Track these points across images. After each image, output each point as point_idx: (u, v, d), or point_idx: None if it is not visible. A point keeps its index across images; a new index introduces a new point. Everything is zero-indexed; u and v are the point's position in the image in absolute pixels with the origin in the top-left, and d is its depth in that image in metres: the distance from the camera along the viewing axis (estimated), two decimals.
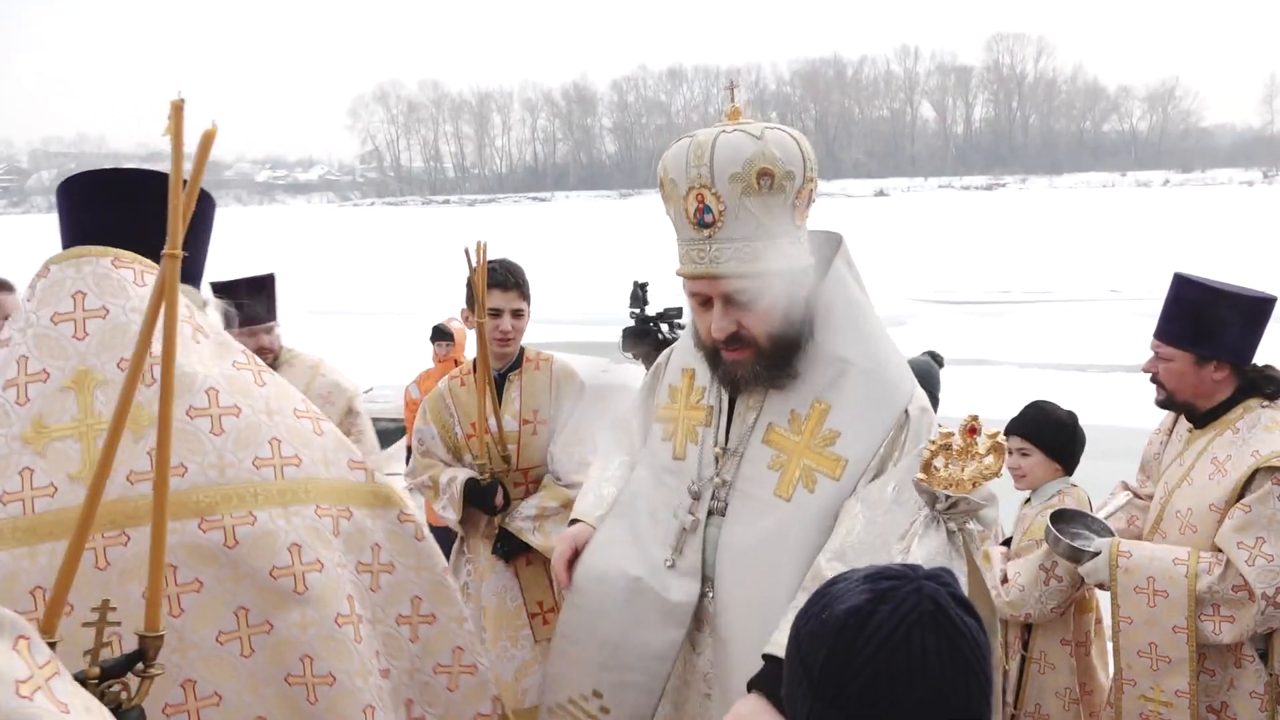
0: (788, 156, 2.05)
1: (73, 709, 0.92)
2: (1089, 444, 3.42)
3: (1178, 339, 2.85)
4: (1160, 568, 2.76)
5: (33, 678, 0.90)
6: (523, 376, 3.55)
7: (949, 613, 1.22)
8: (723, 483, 2.26)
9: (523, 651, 3.48)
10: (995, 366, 12.96)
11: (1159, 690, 2.78)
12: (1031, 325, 17.15)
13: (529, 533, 3.44)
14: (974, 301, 20.71)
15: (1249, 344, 2.82)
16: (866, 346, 2.21)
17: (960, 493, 1.82)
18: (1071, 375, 12.83)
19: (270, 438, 1.71)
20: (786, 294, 2.13)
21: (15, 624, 0.93)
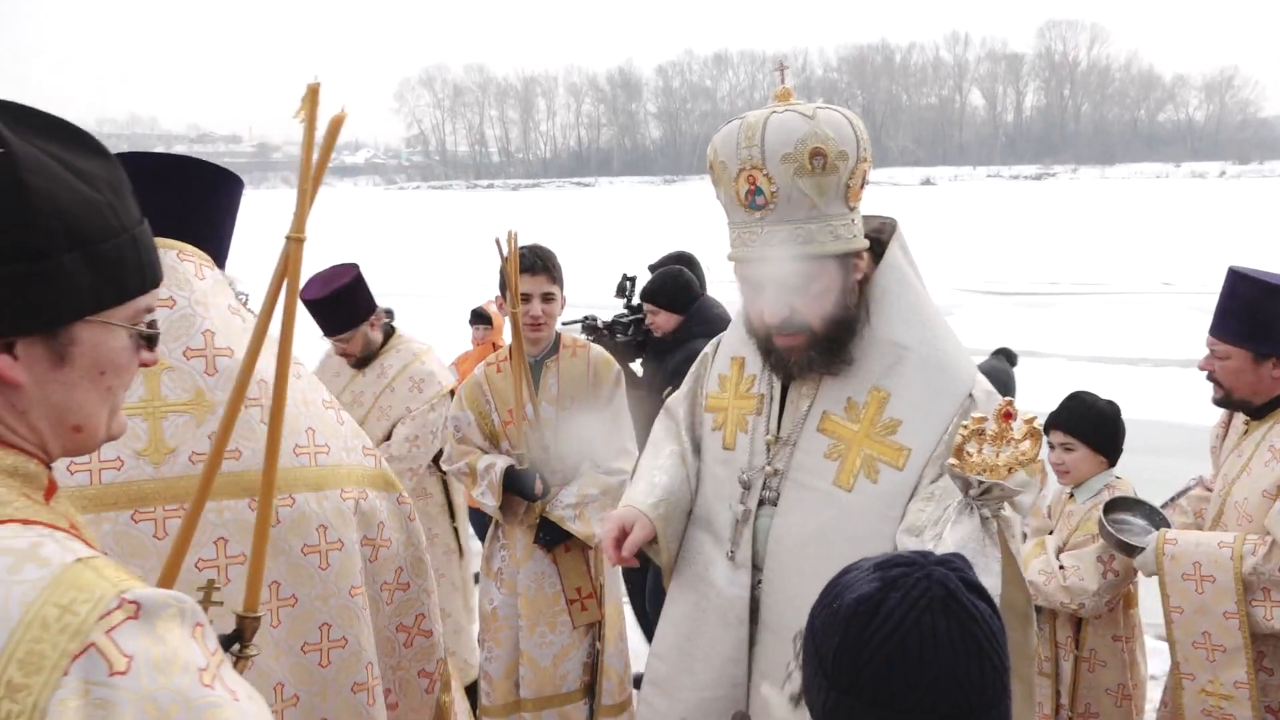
0: (841, 136, 2.02)
1: (239, 696, 0.94)
2: (1141, 439, 3.36)
3: (1234, 336, 2.79)
4: (1206, 552, 2.71)
5: (209, 666, 0.93)
6: (560, 363, 3.53)
7: (959, 597, 1.22)
8: (774, 472, 2.23)
9: (561, 637, 3.51)
10: (1043, 359, 12.74)
11: (1218, 683, 2.72)
12: (1081, 318, 16.87)
13: (570, 520, 3.45)
14: (1022, 293, 20.40)
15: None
16: (924, 333, 2.16)
17: (994, 478, 1.78)
18: (1121, 369, 12.60)
19: (307, 427, 1.85)
20: (841, 277, 2.11)
21: (195, 612, 0.95)
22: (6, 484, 0.98)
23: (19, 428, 1.02)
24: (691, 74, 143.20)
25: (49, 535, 0.94)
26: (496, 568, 3.59)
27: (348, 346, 4.25)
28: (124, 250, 1.05)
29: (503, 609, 3.55)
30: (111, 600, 0.90)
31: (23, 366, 0.99)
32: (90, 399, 1.06)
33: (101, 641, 0.87)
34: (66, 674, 0.85)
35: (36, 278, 0.97)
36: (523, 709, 3.53)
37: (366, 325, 4.25)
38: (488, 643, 3.60)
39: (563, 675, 3.50)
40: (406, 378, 4.26)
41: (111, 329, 1.05)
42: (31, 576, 0.89)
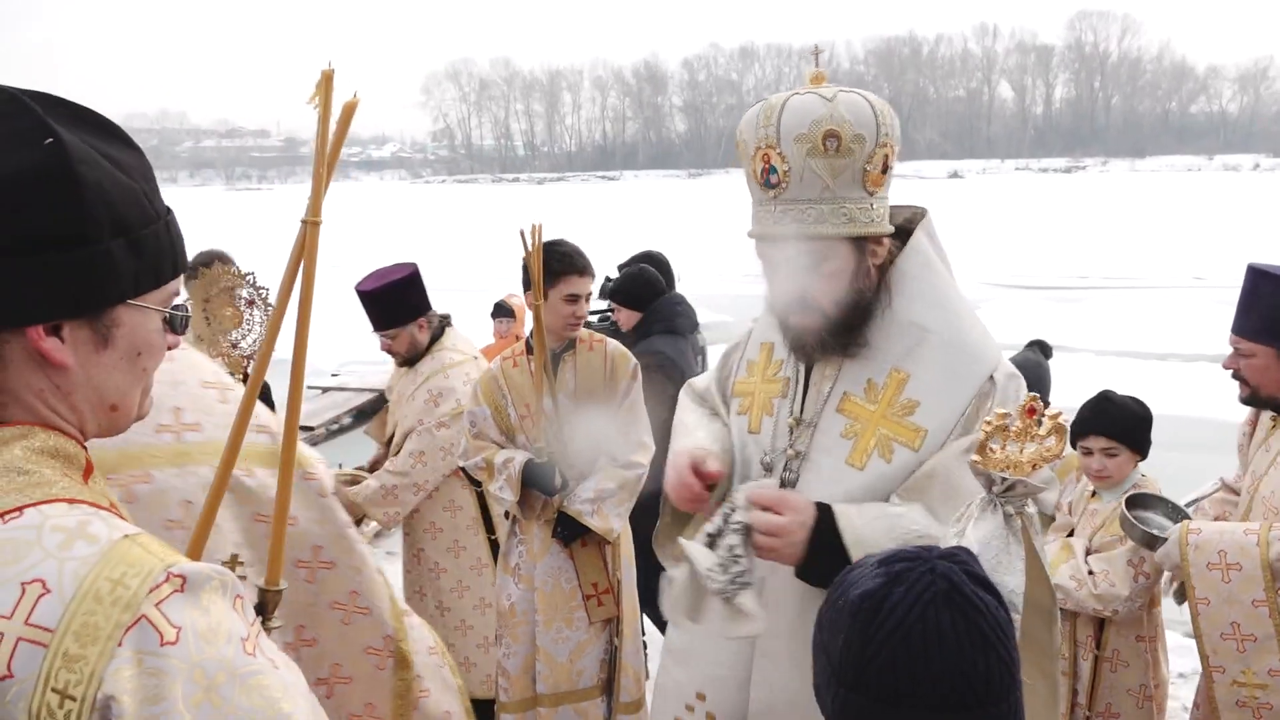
0: (858, 120, 2.01)
1: (278, 664, 0.99)
2: (1171, 435, 3.33)
3: (1258, 334, 2.76)
4: (1231, 540, 2.67)
5: (250, 636, 0.97)
6: (576, 357, 3.54)
7: (963, 590, 1.22)
8: (795, 454, 2.22)
9: (577, 633, 3.51)
10: (1072, 354, 12.63)
11: (1250, 673, 2.66)
12: (1111, 312, 16.70)
13: (587, 515, 3.45)
14: (1051, 287, 20.22)
15: None
16: (946, 315, 2.14)
17: (1018, 475, 1.75)
18: (1151, 364, 12.47)
19: (173, 406, 1.88)
20: (854, 260, 2.09)
21: (235, 584, 1.00)
22: (50, 465, 1.02)
23: (61, 409, 1.06)
24: (717, 67, 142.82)
25: (94, 513, 0.98)
26: (514, 563, 3.59)
27: (392, 344, 4.19)
28: (160, 237, 1.09)
29: (520, 604, 3.55)
30: (159, 574, 0.94)
31: (69, 349, 1.04)
32: (127, 380, 1.11)
33: (152, 613, 0.92)
34: (120, 645, 0.89)
35: (86, 264, 1.01)
36: (540, 704, 3.53)
37: (414, 327, 4.16)
38: (505, 639, 3.60)
39: (579, 671, 3.50)
40: (426, 389, 4.14)
41: (147, 313, 1.10)
42: (83, 553, 0.93)
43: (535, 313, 3.38)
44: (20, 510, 0.95)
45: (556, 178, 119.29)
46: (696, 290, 21.12)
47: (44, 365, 1.03)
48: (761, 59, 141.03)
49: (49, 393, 1.05)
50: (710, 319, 17.44)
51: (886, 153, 2.06)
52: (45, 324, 1.02)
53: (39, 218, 0.98)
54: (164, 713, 0.89)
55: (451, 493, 4.18)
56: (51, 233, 0.99)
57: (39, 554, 0.92)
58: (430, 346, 4.23)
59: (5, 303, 0.99)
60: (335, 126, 1.62)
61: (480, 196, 77.62)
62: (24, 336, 1.01)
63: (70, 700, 0.88)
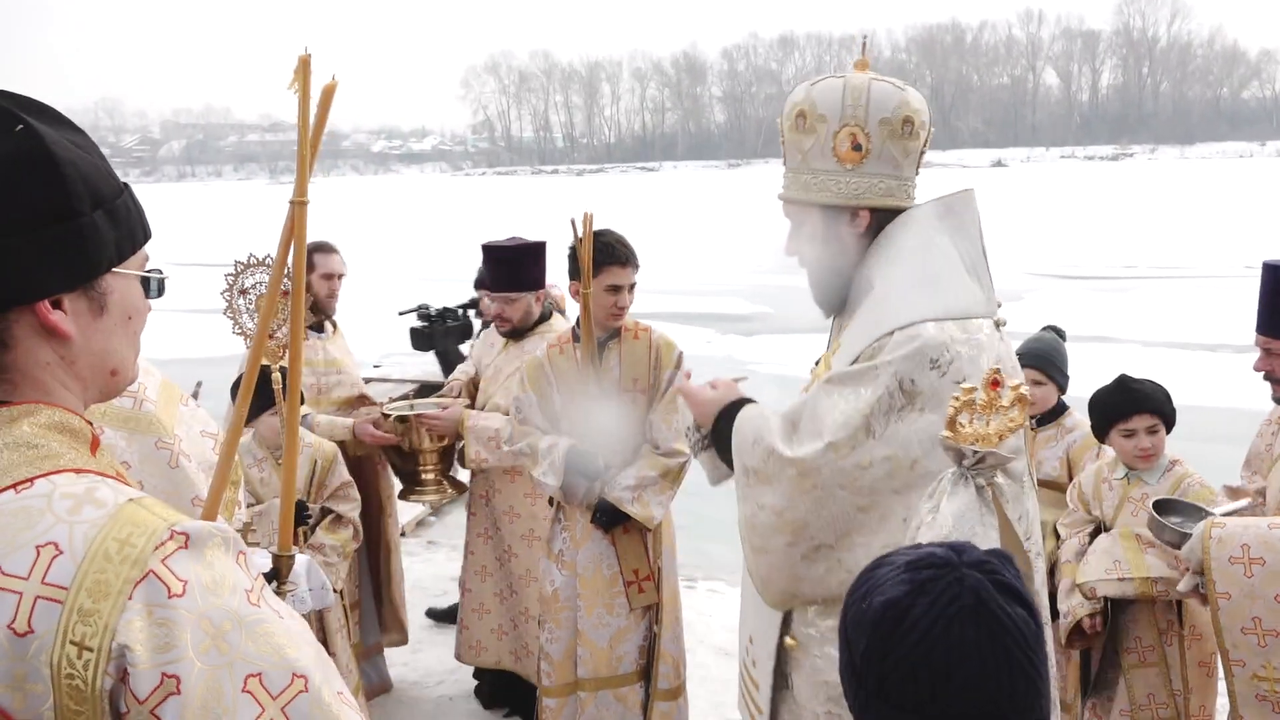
0: (824, 102, 2.24)
1: (282, 614, 1.04)
2: (1222, 428, 3.30)
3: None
4: (1255, 534, 2.61)
5: (254, 588, 1.03)
6: (622, 345, 3.56)
7: (990, 605, 1.19)
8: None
9: (618, 619, 3.53)
10: (1119, 344, 12.45)
11: (1270, 667, 2.61)
12: (1158, 302, 16.43)
13: (628, 503, 3.46)
14: (1097, 277, 19.91)
15: None
16: (895, 272, 2.22)
17: (987, 447, 1.78)
18: (1200, 355, 12.26)
19: (140, 382, 1.93)
20: (823, 227, 2.29)
21: (236, 540, 1.06)
22: (58, 439, 1.08)
23: (68, 380, 1.13)
24: (757, 57, 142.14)
25: (101, 480, 1.05)
26: (557, 549, 3.63)
27: (508, 309, 4.15)
28: (130, 206, 1.16)
29: (564, 590, 3.58)
30: (163, 532, 1.00)
31: (71, 320, 1.10)
32: (123, 343, 1.18)
33: (159, 568, 0.97)
34: (131, 598, 0.95)
35: (77, 236, 1.08)
36: (580, 688, 3.56)
37: (533, 297, 4.18)
38: (548, 624, 3.63)
39: (619, 657, 3.53)
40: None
41: (130, 278, 1.17)
42: (91, 516, 0.99)
43: (584, 301, 3.40)
44: (31, 481, 1.02)
45: (596, 169, 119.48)
46: (736, 282, 21.05)
47: (50, 339, 1.09)
48: (802, 48, 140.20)
49: (56, 365, 1.11)
50: (750, 310, 17.42)
51: (854, 133, 2.22)
52: (49, 298, 1.08)
53: (28, 197, 1.04)
54: (175, 659, 0.94)
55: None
56: (43, 210, 1.05)
57: (50, 519, 0.98)
58: (537, 325, 4.23)
59: (12, 282, 1.05)
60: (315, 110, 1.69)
61: (520, 189, 77.95)
62: (31, 313, 1.07)
63: (88, 651, 0.94)
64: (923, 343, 2.08)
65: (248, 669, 0.97)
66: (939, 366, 2.08)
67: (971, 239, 2.26)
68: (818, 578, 2.20)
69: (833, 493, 2.14)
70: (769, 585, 2.29)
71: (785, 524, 2.19)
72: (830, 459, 2.13)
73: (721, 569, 5.69)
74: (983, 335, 2.14)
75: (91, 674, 0.94)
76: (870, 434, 2.10)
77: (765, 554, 2.26)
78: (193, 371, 8.91)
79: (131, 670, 0.94)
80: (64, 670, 0.94)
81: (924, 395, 2.08)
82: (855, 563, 2.14)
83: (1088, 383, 3.96)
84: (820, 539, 2.18)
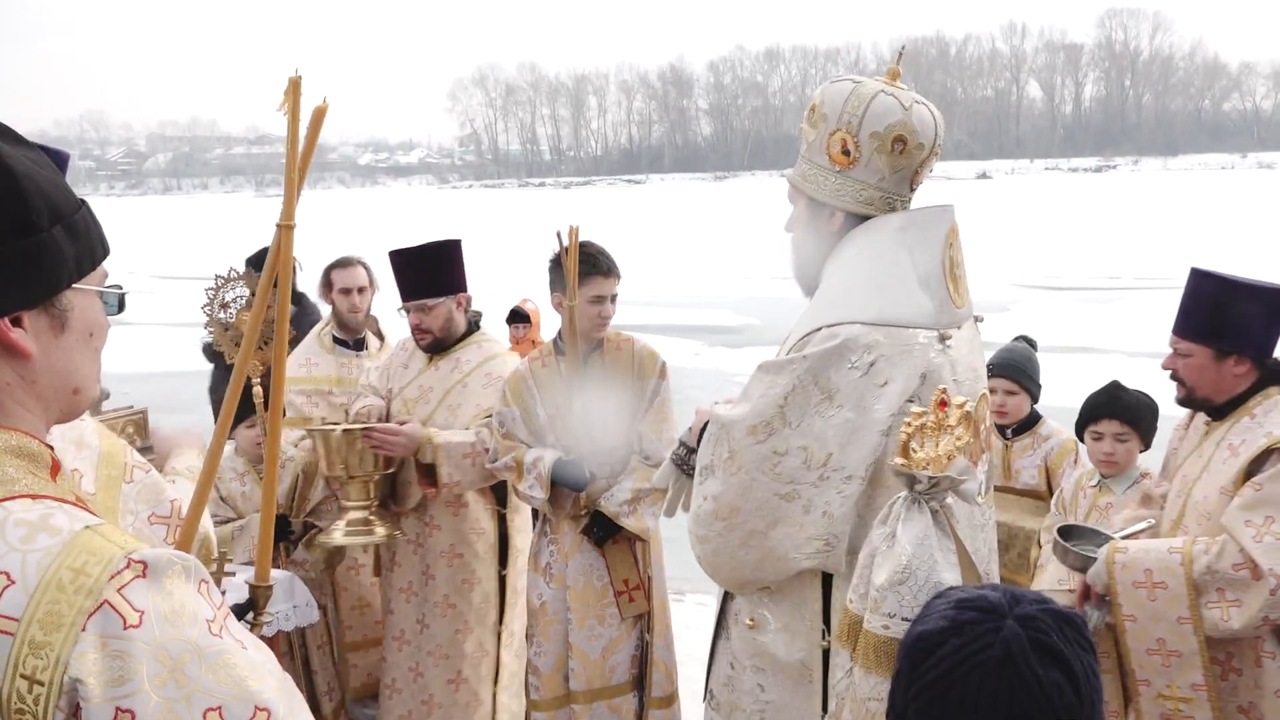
0: (828, 103, 2.36)
1: (247, 645, 1.01)
2: None
3: (1196, 334, 2.81)
4: (1156, 558, 2.69)
5: (216, 618, 1.00)
6: (605, 357, 3.57)
7: (1018, 662, 1.17)
8: None
9: (609, 630, 3.53)
10: (1104, 355, 12.50)
11: (1174, 687, 2.70)
12: (1143, 313, 16.50)
13: (624, 516, 3.47)
14: (1082, 288, 20.01)
15: (1271, 337, 2.78)
16: (840, 272, 2.35)
17: (938, 471, 1.79)
18: None
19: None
20: (806, 217, 2.42)
21: (198, 569, 1.03)
22: (14, 463, 1.04)
23: (28, 400, 1.09)
24: (743, 70, 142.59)
25: (57, 507, 1.02)
26: (544, 563, 3.62)
27: (427, 318, 3.71)
28: (88, 222, 1.13)
29: (552, 603, 3.58)
30: (120, 561, 0.97)
31: (32, 337, 1.07)
32: (85, 361, 1.15)
33: (114, 599, 0.94)
34: (84, 630, 0.93)
35: (36, 252, 1.05)
36: (574, 701, 3.55)
37: (453, 301, 3.75)
38: (536, 638, 3.62)
39: (611, 668, 3.53)
40: (483, 373, 3.78)
41: (90, 294, 1.14)
42: (45, 544, 0.96)
43: (568, 312, 3.40)
44: None
45: (583, 182, 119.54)
46: (724, 294, 21.06)
47: (9, 358, 1.06)
48: (787, 61, 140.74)
49: (15, 386, 1.07)
50: (738, 322, 17.42)
51: (844, 139, 2.31)
52: (8, 315, 1.05)
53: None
54: (130, 693, 0.92)
55: (478, 512, 3.82)
56: (1, 226, 1.02)
57: (3, 548, 0.95)
58: (466, 336, 3.86)
59: None
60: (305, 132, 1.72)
61: (507, 201, 77.90)
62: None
63: (39, 685, 0.91)
64: (841, 342, 2.20)
65: (207, 702, 0.94)
66: (856, 367, 2.19)
67: (932, 253, 2.30)
68: (754, 563, 2.32)
69: (755, 477, 2.25)
70: (716, 572, 2.43)
71: (721, 508, 2.31)
72: (749, 442, 2.25)
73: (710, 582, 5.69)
74: (915, 343, 2.20)
75: (43, 709, 0.91)
76: (786, 423, 2.22)
77: (707, 542, 2.37)
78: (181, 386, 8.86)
79: (84, 704, 0.91)
80: (14, 705, 0.91)
81: (841, 392, 2.18)
82: (784, 552, 2.26)
83: (1071, 394, 3.99)
84: (752, 524, 2.28)
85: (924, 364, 2.19)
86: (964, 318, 2.37)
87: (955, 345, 2.27)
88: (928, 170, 2.38)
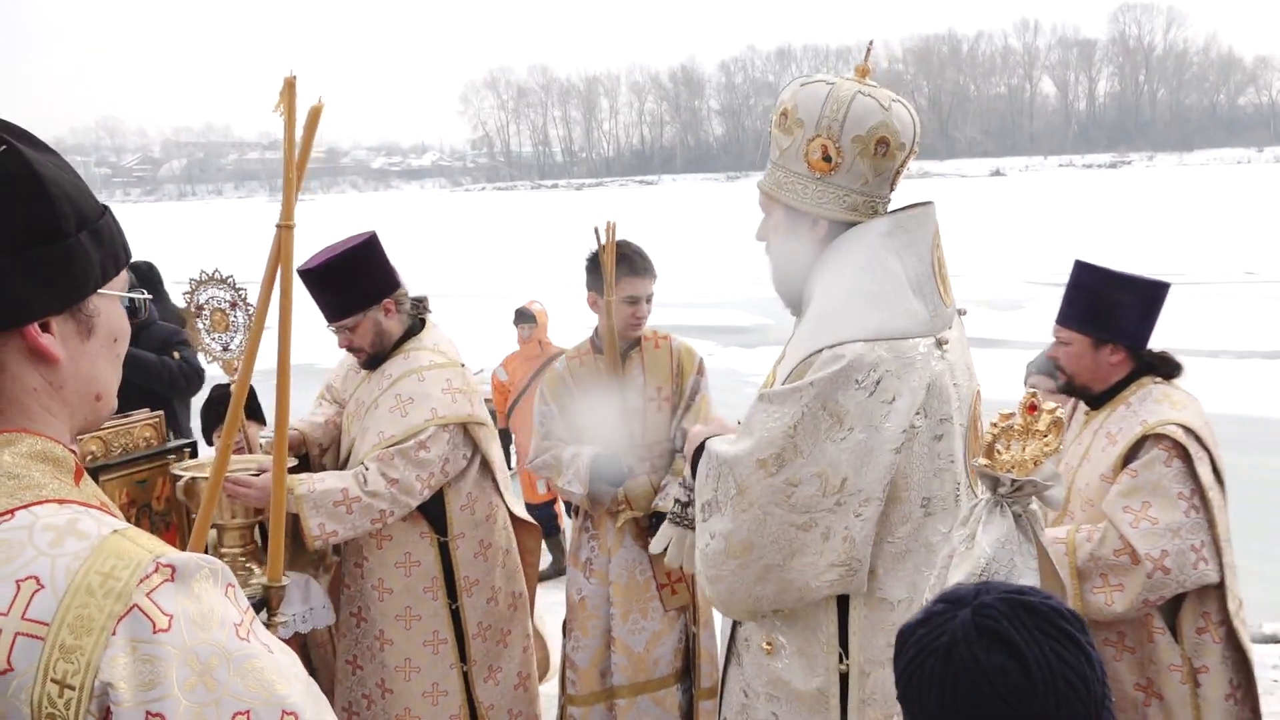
0: (803, 108, 2.26)
1: (273, 648, 1.02)
2: (1224, 435, 3.27)
3: (1075, 322, 2.93)
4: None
5: (243, 622, 1.00)
6: (644, 355, 3.62)
7: (959, 649, 1.21)
8: None
9: (653, 623, 3.58)
10: None
11: None
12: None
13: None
14: None
15: (1145, 328, 2.92)
16: (833, 286, 2.26)
17: (1023, 475, 1.77)
18: (1202, 361, 12.22)
19: None
20: (785, 225, 2.34)
21: (225, 573, 1.03)
22: (40, 468, 1.04)
23: (54, 406, 1.09)
24: (754, 70, 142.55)
25: (84, 511, 1.02)
26: (585, 558, 3.65)
27: (352, 338, 3.30)
28: (112, 227, 1.13)
29: (591, 599, 3.62)
30: (148, 565, 0.97)
31: (59, 342, 1.07)
32: (109, 367, 1.15)
33: (143, 602, 0.95)
34: (114, 634, 0.93)
35: (64, 257, 1.05)
36: (616, 696, 3.58)
37: (379, 311, 3.29)
38: (574, 632, 3.65)
39: (655, 661, 3.57)
40: (392, 394, 3.27)
41: (113, 299, 1.14)
42: (73, 549, 0.97)
43: (606, 309, 3.46)
44: (12, 512, 0.99)
45: (595, 183, 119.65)
46: (736, 294, 21.01)
47: (37, 363, 1.06)
48: (799, 60, 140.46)
49: (43, 391, 1.08)
50: (751, 322, 17.40)
51: (825, 145, 2.24)
52: (38, 321, 1.05)
53: (16, 217, 1.02)
54: (160, 697, 0.92)
55: (409, 543, 3.34)
56: (30, 231, 1.03)
57: (31, 552, 0.96)
58: (403, 342, 3.37)
59: (6, 303, 1.02)
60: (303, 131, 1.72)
61: (520, 203, 78.02)
62: (19, 337, 1.04)
63: (69, 689, 0.91)
64: (847, 363, 2.13)
65: (236, 706, 0.94)
66: (863, 387, 2.12)
67: (921, 256, 2.27)
68: (773, 596, 2.25)
69: (769, 510, 2.17)
70: (730, 609, 2.35)
71: (733, 547, 2.21)
72: (760, 475, 2.17)
73: None
74: (917, 354, 2.17)
75: (74, 713, 0.91)
76: (798, 452, 2.15)
77: (719, 581, 2.28)
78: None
79: (115, 709, 0.91)
80: (45, 709, 0.91)
81: (851, 414, 2.12)
82: (804, 582, 2.20)
83: None
84: (768, 559, 2.21)
85: (927, 374, 2.17)
86: (952, 316, 2.35)
87: (950, 348, 2.25)
88: (905, 169, 2.35)
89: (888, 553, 2.20)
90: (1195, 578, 2.70)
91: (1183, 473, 2.73)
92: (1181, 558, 2.67)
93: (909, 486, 2.17)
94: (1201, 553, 2.70)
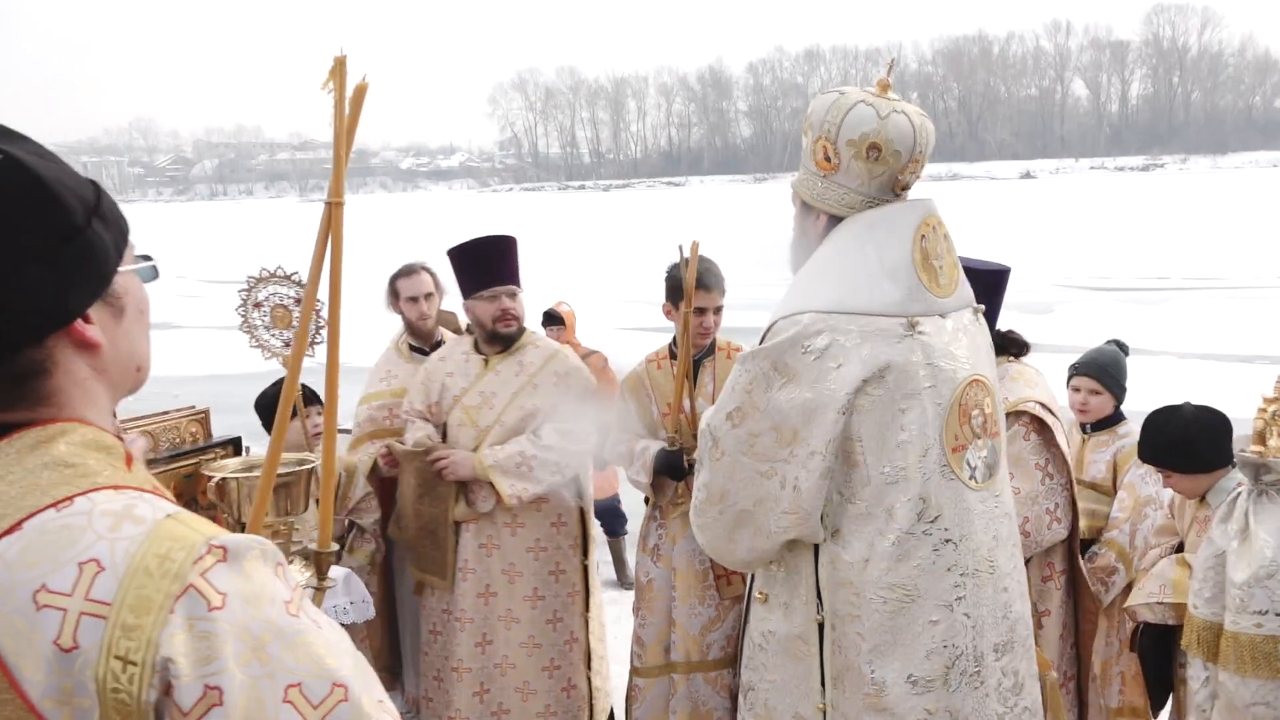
0: (814, 113, 2.50)
1: (321, 624, 1.06)
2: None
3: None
4: None
5: (293, 599, 1.05)
6: (715, 364, 3.90)
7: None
8: None
9: (708, 609, 3.80)
10: (1153, 357, 12.28)
11: None
12: (1193, 314, 16.24)
13: None
14: (1129, 288, 19.69)
15: (990, 312, 3.02)
16: (806, 268, 2.51)
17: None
18: (1236, 367, 12.08)
19: None
20: (799, 217, 2.59)
21: (274, 552, 1.08)
22: (94, 456, 1.08)
23: (100, 390, 1.13)
24: (783, 71, 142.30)
25: (139, 496, 1.06)
26: (653, 544, 3.91)
27: (516, 305, 3.84)
28: (108, 203, 1.16)
29: (657, 582, 3.87)
30: (201, 547, 1.01)
31: (98, 329, 1.11)
32: (142, 339, 1.19)
33: (198, 582, 0.99)
34: (172, 612, 0.97)
35: (87, 248, 1.08)
36: (674, 670, 3.84)
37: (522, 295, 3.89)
38: (641, 610, 3.92)
39: (709, 644, 3.80)
40: (550, 373, 3.90)
41: (130, 274, 1.17)
42: (130, 533, 1.01)
43: (684, 320, 3.71)
44: (71, 499, 1.02)
45: (622, 184, 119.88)
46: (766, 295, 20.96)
47: (84, 354, 1.10)
48: (827, 61, 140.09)
49: (90, 379, 1.12)
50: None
51: (824, 146, 2.46)
52: (81, 316, 1.08)
53: (36, 226, 1.04)
54: (217, 671, 0.96)
55: (561, 509, 3.95)
56: (51, 234, 1.05)
57: (91, 537, 1.00)
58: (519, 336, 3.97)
59: (46, 310, 1.06)
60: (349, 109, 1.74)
61: (547, 204, 78.28)
62: (66, 334, 1.08)
63: (132, 665, 0.95)
64: (798, 330, 2.37)
65: (288, 679, 0.99)
66: (810, 351, 2.35)
67: (901, 245, 2.44)
68: (748, 540, 2.52)
69: (738, 459, 2.46)
70: (719, 555, 2.66)
71: (712, 495, 2.53)
72: (728, 427, 2.46)
73: None
74: (875, 329, 2.37)
75: (137, 687, 0.95)
76: (755, 406, 2.42)
77: (706, 529, 2.60)
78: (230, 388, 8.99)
79: (175, 683, 0.96)
80: (109, 684, 0.95)
81: (799, 373, 2.36)
82: (768, 528, 2.46)
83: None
84: (741, 504, 2.50)
85: (887, 350, 2.33)
86: (949, 307, 2.46)
87: (932, 332, 2.38)
88: (912, 175, 2.48)
89: (850, 513, 2.39)
90: (1049, 537, 3.18)
91: (1039, 444, 3.15)
92: (1039, 521, 3.12)
93: (865, 452, 2.35)
94: (1055, 514, 3.16)
